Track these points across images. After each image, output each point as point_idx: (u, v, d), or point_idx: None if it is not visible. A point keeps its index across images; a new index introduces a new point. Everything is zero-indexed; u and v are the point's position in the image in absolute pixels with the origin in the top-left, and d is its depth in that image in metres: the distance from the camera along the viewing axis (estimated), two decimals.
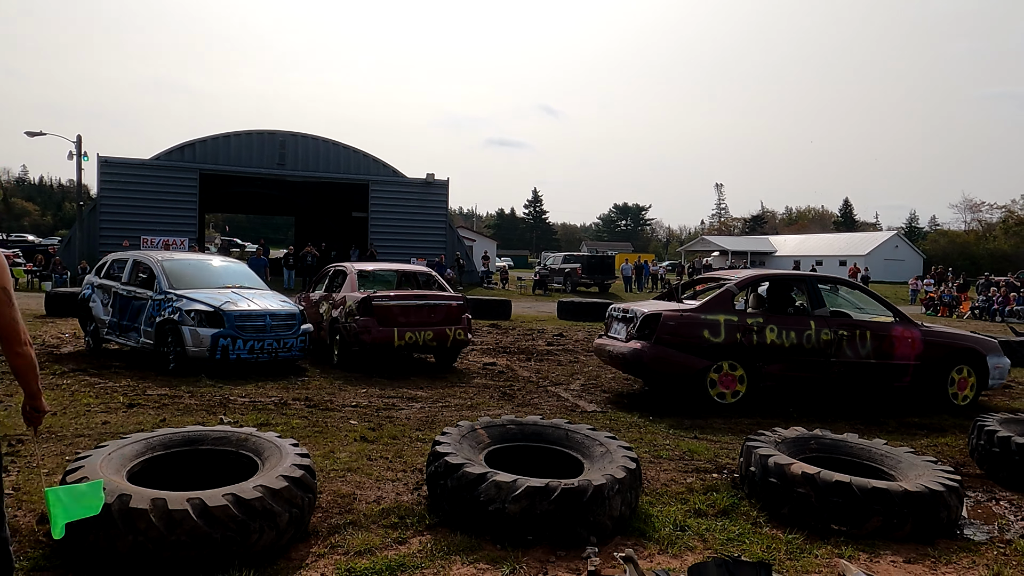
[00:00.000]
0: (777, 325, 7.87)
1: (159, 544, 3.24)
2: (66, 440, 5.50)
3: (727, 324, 7.74)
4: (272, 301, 9.61)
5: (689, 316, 7.79)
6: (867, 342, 8.04)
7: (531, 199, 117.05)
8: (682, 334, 7.68)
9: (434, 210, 34.05)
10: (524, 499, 3.84)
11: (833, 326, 8.01)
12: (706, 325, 7.69)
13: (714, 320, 7.73)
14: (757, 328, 7.79)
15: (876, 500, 4.10)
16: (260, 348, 9.04)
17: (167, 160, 29.74)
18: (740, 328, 7.76)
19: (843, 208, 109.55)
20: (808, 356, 7.87)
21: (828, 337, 7.92)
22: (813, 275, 8.88)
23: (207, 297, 9.21)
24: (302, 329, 9.50)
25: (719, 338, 7.66)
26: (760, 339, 7.76)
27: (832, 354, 7.92)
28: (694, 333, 7.67)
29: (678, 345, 7.67)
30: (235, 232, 74.28)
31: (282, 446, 4.11)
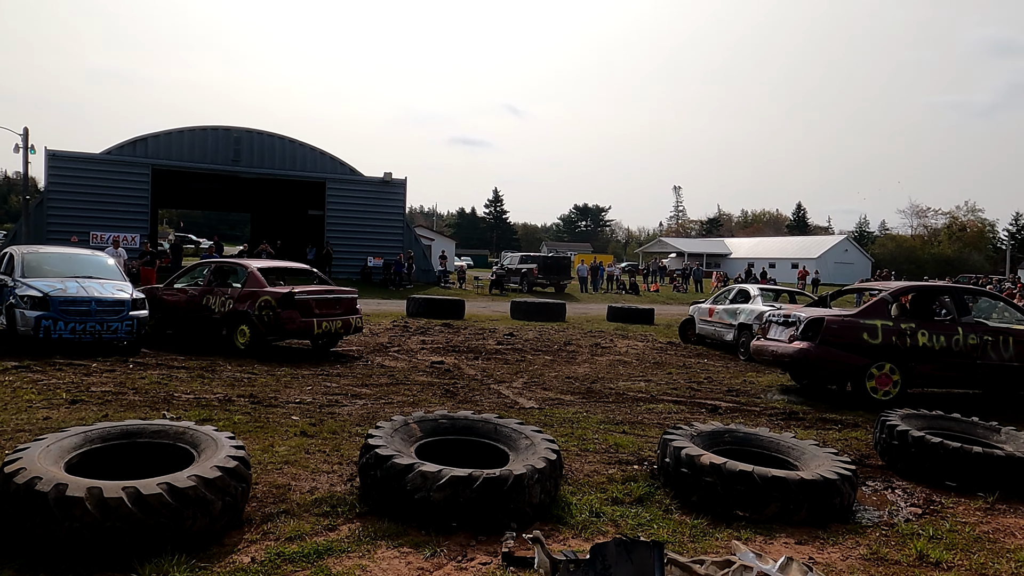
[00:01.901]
0: (928, 330, 8.88)
1: (94, 530, 3.41)
2: (6, 435, 5.58)
3: (883, 328, 8.77)
4: (107, 289, 10.66)
5: (850, 321, 8.85)
6: (1010, 347, 8.95)
7: (492, 199, 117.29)
8: (844, 336, 8.75)
9: (391, 209, 34.10)
10: (448, 488, 4.09)
11: (979, 331, 8.95)
12: (865, 328, 8.74)
13: (872, 324, 8.78)
14: (910, 332, 8.78)
15: (775, 488, 4.46)
16: (82, 330, 10.13)
17: (118, 155, 29.27)
18: (895, 332, 8.77)
19: (796, 212, 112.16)
20: (955, 358, 8.81)
21: (974, 342, 8.85)
22: (959, 287, 9.95)
23: (43, 284, 10.33)
24: (131, 315, 10.53)
25: (876, 340, 8.71)
26: (912, 342, 8.75)
27: (977, 357, 8.85)
28: (855, 335, 8.71)
29: (840, 345, 8.75)
30: (190, 228, 73.09)
31: (218, 439, 4.30)
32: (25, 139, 27.55)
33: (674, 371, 11.22)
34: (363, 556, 3.72)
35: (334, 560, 3.64)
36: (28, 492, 3.47)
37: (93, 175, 28.65)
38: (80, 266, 11.52)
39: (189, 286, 12.19)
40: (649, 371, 11.13)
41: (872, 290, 9.94)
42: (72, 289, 10.40)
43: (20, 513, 3.49)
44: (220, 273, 12.21)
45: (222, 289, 11.57)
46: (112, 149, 29.38)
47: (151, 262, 22.79)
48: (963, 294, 9.60)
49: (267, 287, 11.05)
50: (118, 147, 29.45)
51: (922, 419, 6.21)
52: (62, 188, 28.31)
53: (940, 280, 34.81)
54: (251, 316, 10.82)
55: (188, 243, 54.53)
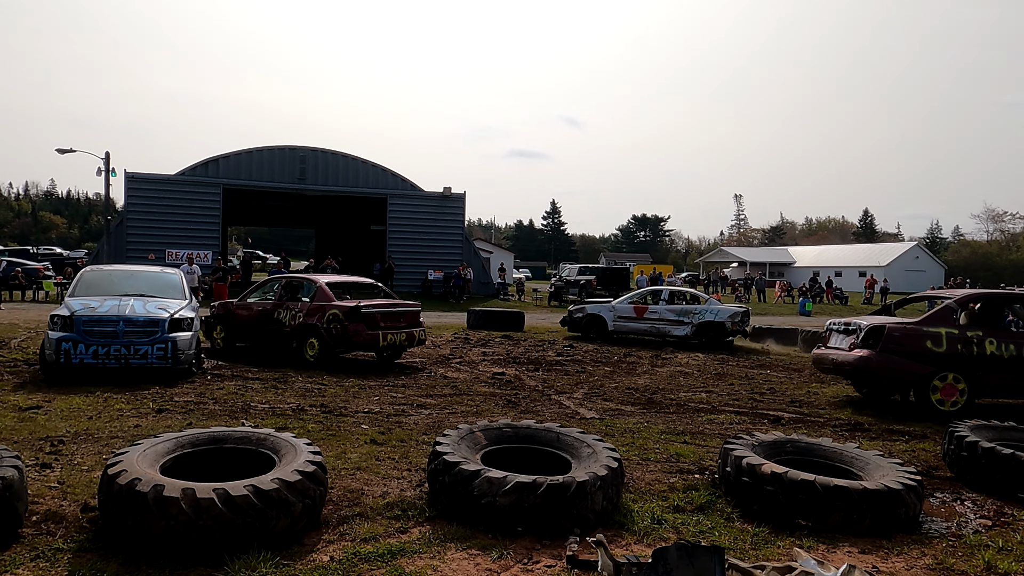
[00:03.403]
0: (996, 338, 8.58)
1: (188, 528, 3.69)
2: (102, 441, 6.00)
3: (948, 336, 8.56)
4: (147, 308, 9.61)
5: (912, 328, 8.68)
6: None
7: (549, 210, 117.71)
8: (906, 344, 8.58)
9: (451, 223, 34.63)
10: (513, 493, 4.26)
11: None
12: (929, 336, 8.55)
13: (936, 332, 8.57)
14: (977, 340, 8.54)
15: (837, 497, 4.48)
16: (106, 353, 8.96)
17: (192, 175, 30.59)
18: (960, 340, 8.54)
19: (863, 218, 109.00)
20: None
21: None
22: None
23: (79, 302, 9.52)
24: (167, 337, 9.34)
25: (941, 348, 8.51)
26: (980, 351, 8.49)
27: None
28: (918, 343, 8.55)
29: (903, 353, 8.57)
30: (257, 244, 75.46)
31: (297, 445, 4.57)
32: (107, 163, 29.04)
33: (736, 382, 11.15)
34: (434, 557, 3.90)
35: (407, 560, 3.84)
36: (130, 492, 3.77)
37: (169, 195, 30.02)
38: (139, 283, 10.78)
39: (261, 301, 12.71)
40: (710, 382, 11.09)
41: (940, 298, 9.70)
42: (105, 307, 9.41)
43: (122, 511, 3.80)
44: (290, 288, 12.69)
45: (292, 303, 12.02)
46: (186, 170, 30.72)
47: (223, 278, 23.73)
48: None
49: (335, 301, 11.46)
50: (191, 168, 30.78)
51: (992, 430, 6.08)
52: (140, 208, 29.74)
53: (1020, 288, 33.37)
54: (320, 329, 11.22)
55: (256, 259, 56.44)
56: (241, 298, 13.13)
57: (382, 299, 12.41)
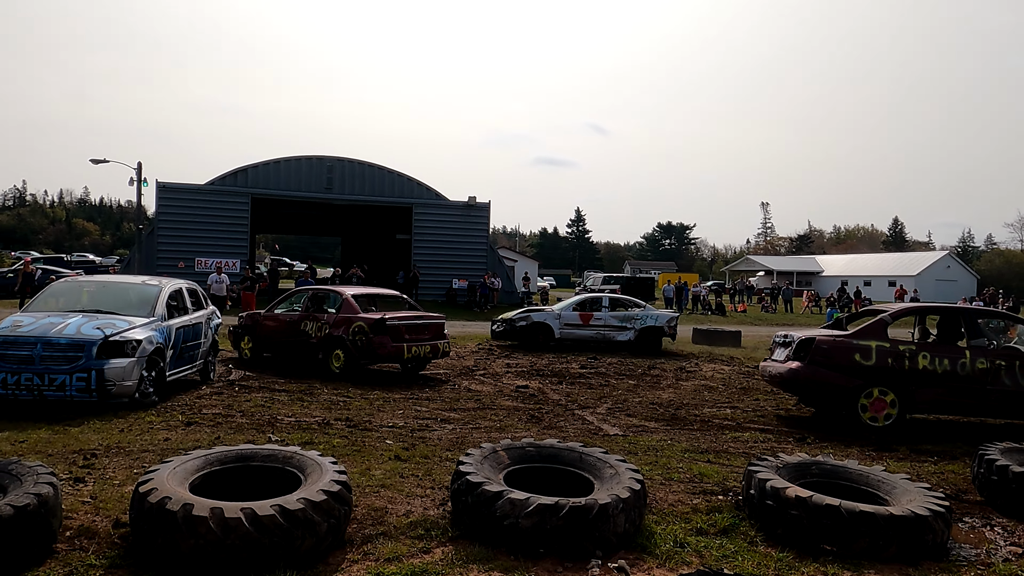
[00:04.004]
0: (931, 352, 8.42)
1: (216, 547, 3.76)
2: (133, 455, 6.12)
3: (879, 349, 8.41)
4: (83, 328, 8.04)
5: (842, 341, 8.56)
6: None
7: (574, 218, 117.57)
8: (835, 356, 8.47)
9: (475, 232, 34.77)
10: (535, 515, 4.28)
11: (990, 356, 8.44)
12: (858, 350, 8.42)
13: (866, 345, 8.44)
14: (910, 354, 8.39)
15: (863, 523, 4.44)
16: (16, 383, 7.51)
17: (221, 185, 31.07)
18: (892, 354, 8.39)
19: (893, 227, 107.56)
20: (962, 384, 8.34)
21: (984, 366, 8.34)
22: (970, 308, 9.52)
23: (15, 319, 8.31)
24: (93, 364, 7.73)
25: (870, 362, 8.37)
26: (912, 365, 8.34)
27: (988, 382, 8.33)
28: (846, 356, 8.42)
29: (831, 366, 8.46)
30: (284, 252, 76.22)
31: (323, 463, 4.64)
32: (139, 173, 29.62)
33: (761, 397, 11.06)
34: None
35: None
36: (160, 510, 3.86)
37: (198, 204, 30.51)
38: (105, 297, 9.31)
39: (288, 312, 12.87)
40: (735, 397, 11.02)
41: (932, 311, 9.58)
42: (33, 325, 7.99)
43: (153, 529, 3.88)
44: (316, 300, 12.85)
45: (319, 315, 12.16)
46: (215, 180, 31.20)
47: (251, 287, 24.02)
48: (978, 316, 9.01)
49: (360, 313, 11.58)
50: (220, 178, 31.26)
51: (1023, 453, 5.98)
52: (170, 217, 30.25)
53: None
54: (345, 341, 11.34)
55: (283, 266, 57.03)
56: (268, 309, 13.32)
57: (407, 311, 12.52)
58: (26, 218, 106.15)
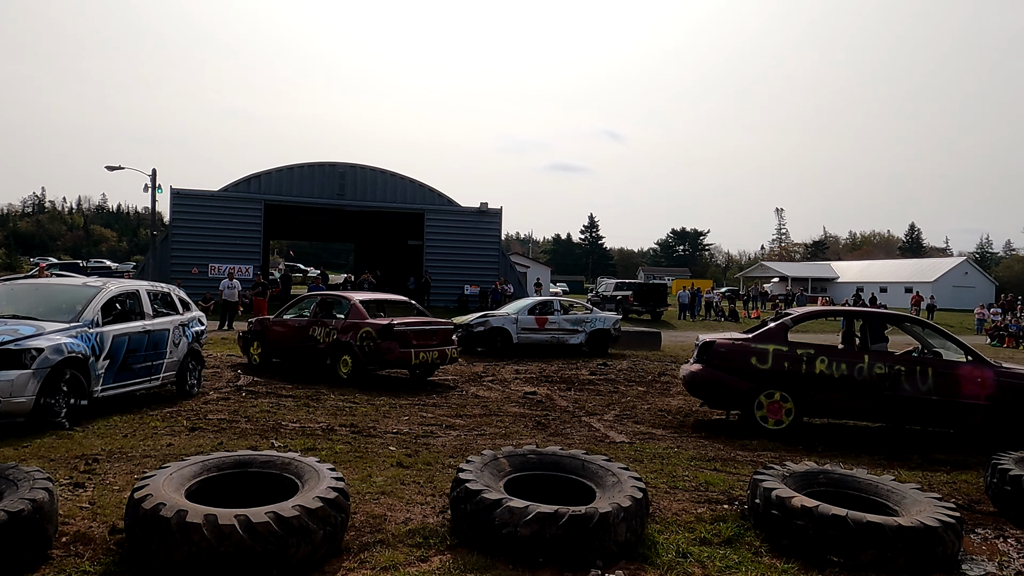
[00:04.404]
0: (828, 356, 8.32)
1: (210, 554, 3.72)
2: (135, 460, 6.11)
3: (775, 353, 8.37)
4: None
5: (740, 344, 8.55)
6: (928, 379, 8.16)
7: (587, 224, 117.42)
8: (732, 360, 8.48)
9: (487, 238, 34.78)
10: (535, 524, 4.21)
11: (888, 361, 8.28)
12: (755, 353, 8.40)
13: (763, 349, 8.41)
14: (808, 359, 8.29)
15: (870, 534, 4.33)
16: None
17: (235, 191, 31.26)
18: (789, 357, 8.33)
19: (909, 233, 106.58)
20: (859, 389, 8.20)
21: (882, 371, 8.20)
22: (874, 311, 9.31)
23: None
24: None
25: (766, 365, 8.34)
26: (810, 368, 8.25)
27: (886, 388, 8.16)
28: (743, 359, 8.41)
29: (727, 369, 8.47)
30: (299, 257, 76.69)
31: (320, 470, 4.59)
32: (153, 180, 29.84)
33: None
34: None
35: None
36: (154, 517, 3.82)
37: (212, 211, 30.72)
38: (31, 300, 8.44)
39: (296, 317, 12.89)
40: None
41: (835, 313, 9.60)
42: None
43: (147, 535, 3.84)
44: (325, 305, 12.85)
45: (327, 320, 12.16)
46: (229, 186, 31.40)
47: (263, 292, 24.13)
48: (880, 319, 8.96)
49: (368, 319, 11.57)
50: (234, 184, 31.46)
51: None
52: (185, 223, 30.48)
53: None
54: (353, 347, 11.33)
55: (296, 272, 57.38)
56: (277, 315, 13.35)
57: (415, 317, 12.49)
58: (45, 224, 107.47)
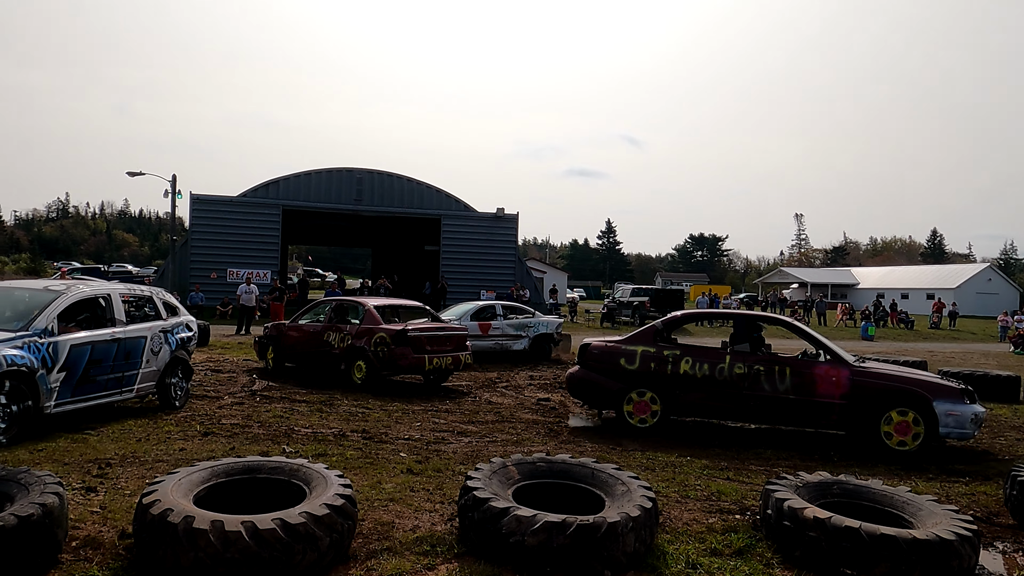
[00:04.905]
0: (692, 357, 8.61)
1: (216, 560, 3.73)
2: (147, 464, 6.15)
3: (643, 354, 8.74)
4: None
5: (612, 346, 9.00)
6: (786, 378, 8.28)
7: (604, 230, 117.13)
8: (603, 361, 8.90)
9: (504, 243, 34.80)
10: (542, 533, 4.17)
11: (748, 361, 8.46)
12: (624, 354, 8.81)
13: (632, 351, 8.80)
14: (673, 359, 8.62)
15: (884, 546, 4.25)
16: None
17: (253, 197, 31.51)
18: (655, 359, 8.67)
19: (931, 238, 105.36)
20: (720, 389, 8.44)
21: (741, 371, 8.40)
22: (740, 313, 9.47)
23: None
24: None
25: (633, 366, 8.72)
26: (675, 369, 8.57)
27: (746, 387, 8.34)
28: (613, 360, 8.83)
29: (599, 370, 8.91)
30: (317, 263, 77.13)
31: (328, 476, 4.59)
32: (173, 185, 30.14)
33: None
34: None
35: None
36: (161, 522, 3.83)
37: (231, 216, 30.99)
38: None
39: (311, 323, 12.94)
40: None
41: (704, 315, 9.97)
42: None
43: (154, 541, 3.86)
44: (340, 310, 12.89)
45: (342, 326, 12.19)
46: (247, 192, 31.66)
47: (279, 297, 24.29)
48: (745, 320, 9.16)
49: (382, 324, 11.58)
50: (252, 190, 31.71)
51: None
52: (204, 228, 30.76)
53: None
54: (367, 352, 11.35)
55: (314, 276, 57.72)
56: (292, 320, 13.40)
57: (429, 322, 12.49)
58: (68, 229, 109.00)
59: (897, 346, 27.16)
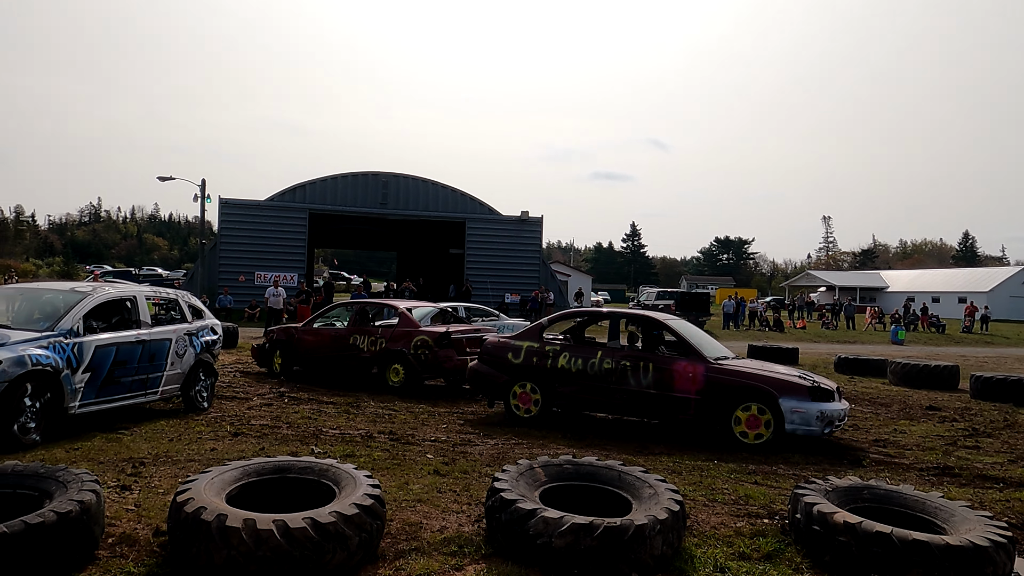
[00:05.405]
0: (571, 353, 9.12)
1: (248, 558, 3.78)
2: (180, 464, 6.26)
3: (528, 349, 9.32)
4: None
5: (503, 342, 9.64)
6: (649, 374, 8.67)
7: (629, 233, 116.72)
8: (495, 355, 9.53)
9: (528, 246, 34.84)
10: (569, 535, 4.18)
11: (616, 357, 8.88)
12: (511, 349, 9.41)
13: (518, 346, 9.40)
14: (553, 354, 9.14)
15: (916, 552, 4.19)
16: None
17: (280, 201, 31.90)
18: (537, 353, 9.23)
19: (963, 241, 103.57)
20: (592, 382, 8.90)
21: (609, 366, 8.83)
22: (616, 311, 10.14)
23: None
24: None
25: (518, 360, 9.30)
26: (554, 364, 9.10)
27: (613, 382, 8.78)
28: (501, 355, 9.45)
29: (491, 363, 9.54)
30: (342, 266, 77.74)
31: (357, 476, 4.63)
32: (202, 190, 30.60)
33: None
34: None
35: None
36: (195, 520, 3.90)
37: (259, 220, 31.40)
38: (11, 307, 8.10)
39: (330, 326, 12.88)
40: None
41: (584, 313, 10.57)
42: None
43: (188, 538, 3.93)
44: (363, 313, 12.90)
45: (372, 329, 12.13)
46: (275, 196, 32.05)
47: (306, 300, 24.54)
48: (619, 317, 9.57)
49: (421, 327, 11.62)
50: (280, 194, 32.10)
51: None
52: (232, 232, 31.19)
53: None
54: (407, 355, 11.34)
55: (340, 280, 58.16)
56: (305, 324, 13.22)
57: (462, 324, 12.55)
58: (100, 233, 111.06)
59: (928, 350, 26.72)
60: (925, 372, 14.84)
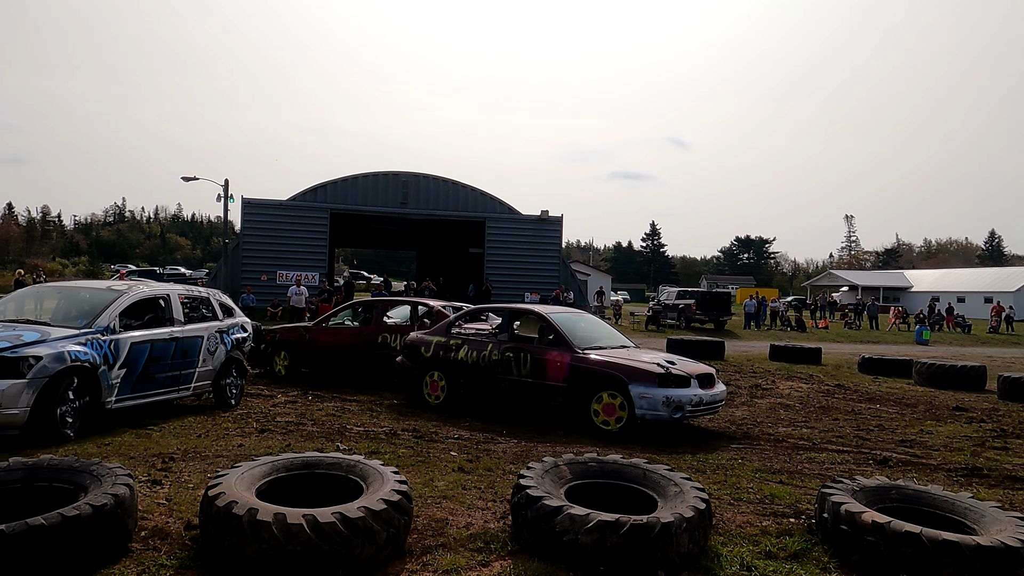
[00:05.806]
0: (468, 346, 9.85)
1: (279, 552, 3.84)
2: (208, 459, 6.35)
3: (436, 344, 10.11)
4: None
5: (419, 337, 10.42)
6: (527, 364, 9.27)
7: (649, 232, 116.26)
8: (412, 349, 10.34)
9: (548, 246, 34.83)
10: (595, 532, 4.19)
11: (503, 348, 9.53)
12: (423, 343, 10.21)
13: (429, 340, 10.21)
14: (455, 347, 9.90)
15: (946, 552, 4.16)
16: None
17: (302, 201, 32.14)
18: (443, 347, 10.01)
19: (989, 240, 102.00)
20: (483, 372, 9.59)
21: (496, 357, 9.51)
22: (507, 306, 10.68)
23: None
24: None
25: (428, 353, 10.11)
26: (455, 356, 9.85)
27: (499, 372, 9.44)
28: (417, 348, 10.25)
29: (409, 356, 10.36)
30: (362, 265, 78.18)
31: (384, 472, 4.68)
32: (225, 190, 30.93)
33: (841, 417, 10.60)
34: None
35: None
36: (227, 514, 3.96)
37: (281, 219, 31.66)
38: (51, 305, 8.33)
39: (350, 323, 12.83)
40: (813, 416, 10.59)
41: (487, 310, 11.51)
42: None
43: (220, 532, 3.99)
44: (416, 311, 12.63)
45: (403, 327, 11.99)
46: (296, 196, 32.30)
47: (328, 299, 24.72)
48: (512, 313, 10.13)
49: (464, 324, 11.52)
50: (301, 194, 32.35)
51: None
52: (255, 231, 31.48)
53: None
54: None
55: (360, 279, 58.51)
56: (316, 323, 13.06)
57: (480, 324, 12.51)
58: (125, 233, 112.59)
59: (953, 351, 26.38)
60: (951, 372, 14.67)
